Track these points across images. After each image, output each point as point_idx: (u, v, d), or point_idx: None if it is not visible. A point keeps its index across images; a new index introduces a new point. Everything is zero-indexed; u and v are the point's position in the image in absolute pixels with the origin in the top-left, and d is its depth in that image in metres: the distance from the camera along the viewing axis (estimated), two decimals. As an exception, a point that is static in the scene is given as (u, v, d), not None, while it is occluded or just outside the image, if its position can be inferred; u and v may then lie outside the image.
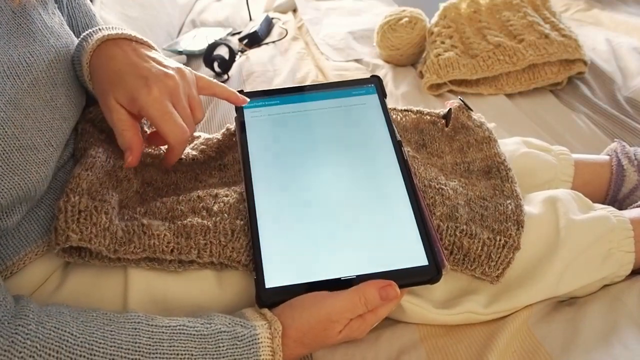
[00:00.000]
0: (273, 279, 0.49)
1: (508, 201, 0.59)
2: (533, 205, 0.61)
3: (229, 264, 0.52)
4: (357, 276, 0.49)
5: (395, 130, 0.60)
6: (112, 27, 0.57)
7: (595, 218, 0.59)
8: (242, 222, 0.53)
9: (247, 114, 0.61)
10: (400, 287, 0.49)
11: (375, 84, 0.65)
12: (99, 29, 0.56)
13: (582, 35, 1.17)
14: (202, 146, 0.65)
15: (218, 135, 0.66)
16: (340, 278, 0.49)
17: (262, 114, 0.61)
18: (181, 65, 0.56)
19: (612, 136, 0.94)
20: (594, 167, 0.73)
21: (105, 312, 0.45)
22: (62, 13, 0.60)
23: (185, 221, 0.52)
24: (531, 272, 0.56)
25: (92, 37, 0.55)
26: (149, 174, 0.61)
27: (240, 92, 0.61)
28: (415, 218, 0.53)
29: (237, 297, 0.54)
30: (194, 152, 0.64)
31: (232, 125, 0.66)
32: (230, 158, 0.64)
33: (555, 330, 0.55)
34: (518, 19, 1.13)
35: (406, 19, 1.19)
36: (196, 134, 0.70)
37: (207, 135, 0.66)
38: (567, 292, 0.58)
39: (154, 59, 0.54)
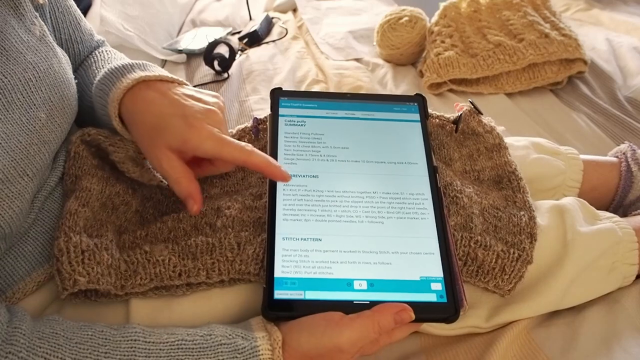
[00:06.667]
0: (282, 292, 0.48)
1: (521, 212, 0.57)
2: (540, 214, 0.59)
3: (240, 278, 0.51)
4: (371, 302, 0.47)
5: (433, 155, 0.59)
6: (141, 65, 0.55)
7: (602, 231, 0.58)
8: (247, 234, 0.52)
9: (282, 112, 0.61)
10: (415, 320, 0.47)
11: (418, 103, 0.64)
12: (130, 65, 0.55)
13: (582, 34, 1.17)
14: None
15: None
16: (353, 301, 0.48)
17: (297, 117, 0.61)
18: (216, 96, 0.55)
19: (612, 135, 0.94)
20: (602, 171, 0.72)
21: (102, 328, 0.44)
22: (45, 22, 0.56)
23: (190, 241, 0.51)
24: (535, 286, 0.55)
25: (124, 76, 0.53)
26: (148, 189, 0.60)
27: (279, 89, 0.62)
28: (441, 252, 0.51)
29: (244, 312, 0.52)
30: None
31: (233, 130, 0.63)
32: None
33: (555, 334, 0.55)
34: (518, 19, 1.13)
35: (406, 18, 1.19)
36: None
37: None
38: (571, 305, 0.57)
39: (191, 97, 0.53)
